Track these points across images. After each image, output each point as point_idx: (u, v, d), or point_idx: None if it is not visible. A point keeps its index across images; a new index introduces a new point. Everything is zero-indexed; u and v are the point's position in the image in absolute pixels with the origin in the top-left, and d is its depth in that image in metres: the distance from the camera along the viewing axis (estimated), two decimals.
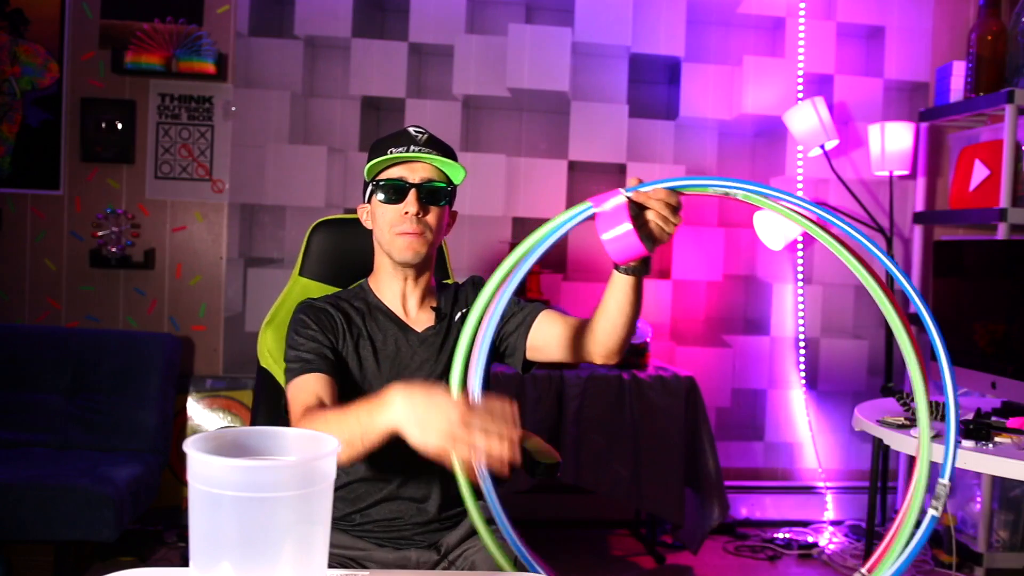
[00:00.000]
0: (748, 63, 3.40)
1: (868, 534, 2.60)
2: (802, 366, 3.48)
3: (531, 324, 1.55)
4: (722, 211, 3.56)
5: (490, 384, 1.64)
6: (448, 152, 1.55)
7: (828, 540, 3.24)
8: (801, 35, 3.42)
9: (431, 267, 1.60)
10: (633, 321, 1.41)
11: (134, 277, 3.22)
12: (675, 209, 1.19)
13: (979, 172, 3.11)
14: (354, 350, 1.51)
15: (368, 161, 1.53)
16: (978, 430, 1.91)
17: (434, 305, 1.59)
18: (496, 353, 1.60)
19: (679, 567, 3.02)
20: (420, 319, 1.57)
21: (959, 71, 3.23)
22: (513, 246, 3.65)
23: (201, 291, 3.25)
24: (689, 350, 3.42)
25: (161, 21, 3.15)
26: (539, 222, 3.45)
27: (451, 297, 1.63)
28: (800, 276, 3.48)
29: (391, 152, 1.50)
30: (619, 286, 1.38)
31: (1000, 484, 2.91)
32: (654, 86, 3.61)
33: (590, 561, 3.04)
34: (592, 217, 1.14)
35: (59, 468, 2.59)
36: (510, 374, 2.75)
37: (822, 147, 3.21)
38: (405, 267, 1.52)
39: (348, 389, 1.47)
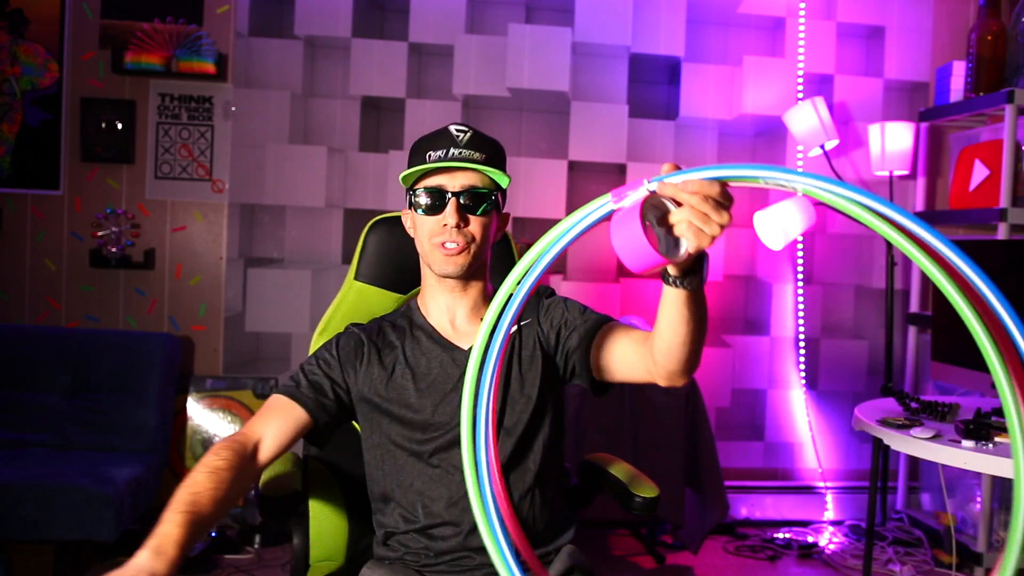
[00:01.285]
0: (748, 63, 3.40)
1: (868, 534, 2.60)
2: (802, 366, 3.48)
3: (591, 339, 1.41)
4: None
5: (560, 407, 1.51)
6: (494, 151, 1.46)
7: (828, 540, 3.23)
8: (801, 35, 3.42)
9: (485, 275, 1.49)
10: (694, 341, 1.18)
11: (134, 277, 3.22)
12: (719, 205, 0.88)
13: (979, 172, 3.11)
14: (387, 381, 1.42)
15: (409, 164, 1.44)
16: (978, 430, 1.91)
17: (483, 315, 1.43)
18: (564, 372, 1.47)
19: (679, 567, 3.02)
20: (469, 334, 1.46)
21: (959, 71, 3.23)
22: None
23: (201, 291, 3.25)
24: None
25: (161, 21, 3.15)
26: (539, 222, 3.50)
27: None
28: (800, 276, 3.48)
29: (429, 157, 1.39)
30: (669, 301, 1.12)
31: (1000, 484, 2.91)
32: (654, 86, 3.61)
33: (590, 561, 3.04)
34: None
35: (59, 468, 2.59)
36: None
37: (822, 147, 3.21)
38: (448, 279, 1.43)
39: (393, 419, 1.42)
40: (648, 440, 2.90)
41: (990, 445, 1.87)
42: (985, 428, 1.92)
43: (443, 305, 1.46)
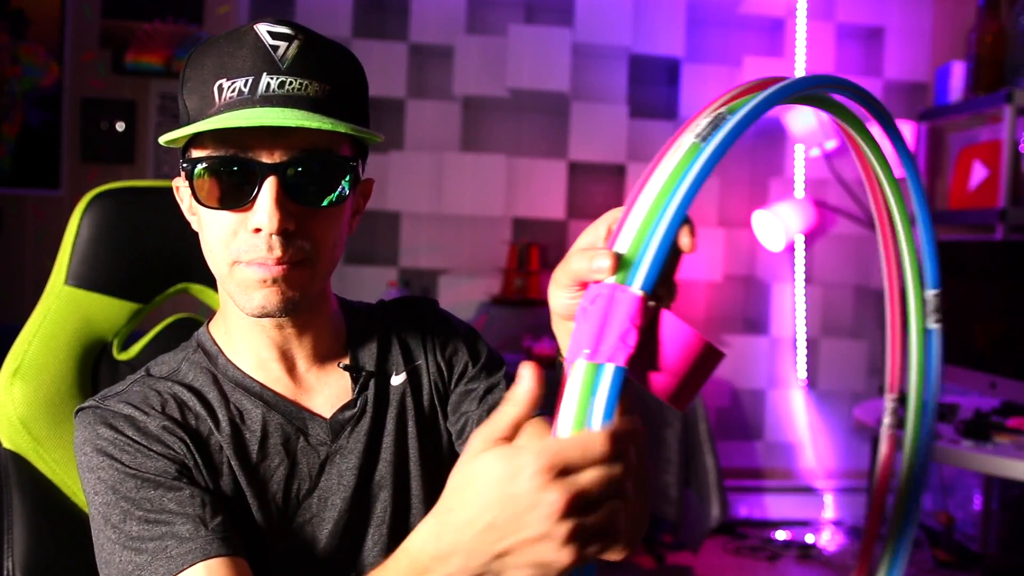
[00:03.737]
0: (748, 63, 3.40)
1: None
2: (802, 366, 3.48)
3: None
4: (722, 211, 3.56)
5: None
6: (347, 76, 0.84)
7: (828, 540, 3.24)
8: (801, 35, 3.42)
9: (328, 295, 0.90)
10: None
11: None
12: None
13: (978, 172, 3.11)
14: (206, 484, 0.80)
15: (181, 94, 0.81)
16: (978, 430, 1.91)
17: (345, 362, 0.90)
18: (448, 438, 0.95)
19: (679, 567, 3.02)
20: (324, 390, 0.88)
21: (959, 71, 3.23)
22: (513, 246, 3.60)
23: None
24: None
25: (161, 21, 3.15)
26: (539, 223, 3.50)
27: (372, 337, 0.93)
28: (800, 276, 3.49)
29: (220, 91, 0.76)
30: None
31: (1000, 484, 2.91)
32: (654, 86, 3.61)
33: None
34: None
35: None
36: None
37: (822, 147, 3.22)
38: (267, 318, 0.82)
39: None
40: (648, 440, 2.90)
41: (990, 445, 1.87)
42: (985, 428, 1.92)
43: (266, 352, 0.86)
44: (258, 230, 0.76)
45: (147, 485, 0.76)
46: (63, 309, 1.06)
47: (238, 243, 0.78)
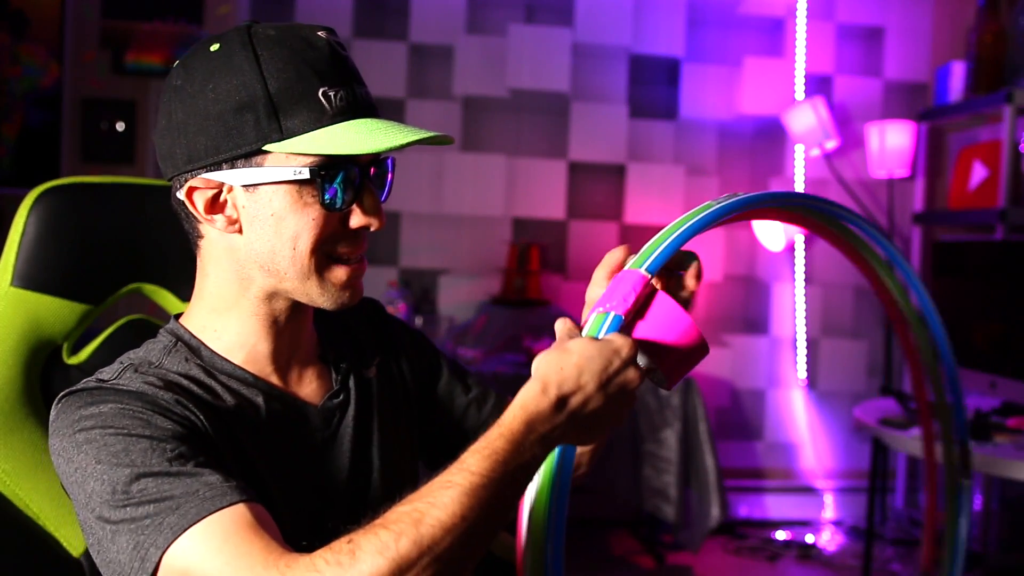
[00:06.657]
0: (748, 63, 3.40)
1: (868, 534, 2.60)
2: (802, 366, 3.48)
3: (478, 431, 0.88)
4: None
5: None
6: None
7: (828, 540, 3.24)
8: (801, 35, 3.42)
9: None
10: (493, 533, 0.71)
11: None
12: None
13: (978, 172, 3.11)
14: (220, 454, 0.80)
15: (264, 79, 0.82)
16: (978, 430, 1.91)
17: (324, 355, 0.94)
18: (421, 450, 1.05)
19: (679, 567, 3.02)
20: (309, 382, 0.91)
21: (959, 71, 3.23)
22: (513, 246, 3.60)
23: None
24: None
25: (161, 21, 3.15)
26: (539, 222, 3.48)
27: (339, 330, 0.98)
28: (800, 276, 3.49)
29: (328, 99, 0.81)
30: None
31: (1000, 484, 2.91)
32: (654, 86, 3.61)
33: (590, 561, 3.04)
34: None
35: None
36: (509, 374, 2.75)
37: (822, 147, 3.22)
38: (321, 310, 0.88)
39: None
40: (647, 440, 2.90)
41: (990, 445, 1.87)
42: (985, 428, 1.92)
43: (263, 346, 0.87)
44: (361, 227, 0.84)
45: (163, 443, 0.72)
46: (9, 312, 0.98)
47: (332, 240, 0.83)
